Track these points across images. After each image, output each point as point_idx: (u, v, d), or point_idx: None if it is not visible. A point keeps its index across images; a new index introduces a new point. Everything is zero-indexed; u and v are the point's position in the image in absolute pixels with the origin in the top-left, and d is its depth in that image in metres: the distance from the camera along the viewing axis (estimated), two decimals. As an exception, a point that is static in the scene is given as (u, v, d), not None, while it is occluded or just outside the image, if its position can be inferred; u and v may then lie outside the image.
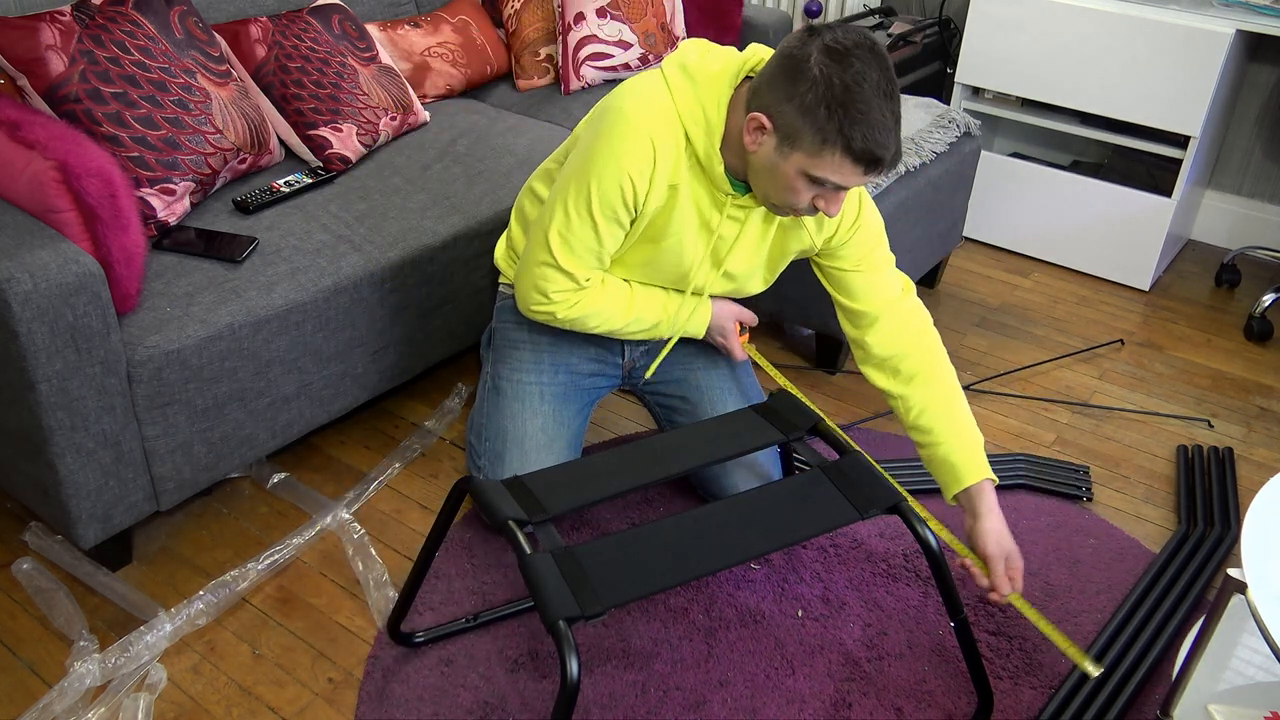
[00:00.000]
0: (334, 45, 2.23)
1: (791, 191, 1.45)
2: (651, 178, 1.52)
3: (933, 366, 1.66)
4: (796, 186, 1.43)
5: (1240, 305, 2.83)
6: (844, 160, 1.38)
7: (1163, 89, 2.64)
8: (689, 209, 1.58)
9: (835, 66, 1.34)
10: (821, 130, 1.36)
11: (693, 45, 1.56)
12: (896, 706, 1.56)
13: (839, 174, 1.40)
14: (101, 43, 1.82)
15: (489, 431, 1.78)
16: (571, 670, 1.17)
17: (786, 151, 1.41)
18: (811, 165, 1.40)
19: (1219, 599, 1.33)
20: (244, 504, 1.93)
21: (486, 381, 1.83)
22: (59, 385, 1.51)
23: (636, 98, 1.52)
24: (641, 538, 1.34)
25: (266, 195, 2.00)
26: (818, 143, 1.37)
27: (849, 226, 1.66)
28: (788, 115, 1.38)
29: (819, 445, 2.09)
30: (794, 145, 1.39)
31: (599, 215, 1.55)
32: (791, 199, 1.46)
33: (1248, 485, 2.10)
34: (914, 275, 2.52)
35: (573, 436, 1.80)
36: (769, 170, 1.45)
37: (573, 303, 1.65)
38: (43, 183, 1.53)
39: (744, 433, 1.58)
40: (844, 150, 1.37)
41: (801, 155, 1.39)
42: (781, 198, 1.47)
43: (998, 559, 1.54)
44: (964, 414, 1.64)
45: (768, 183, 1.47)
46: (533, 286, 1.64)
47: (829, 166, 1.39)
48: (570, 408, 1.81)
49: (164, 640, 1.63)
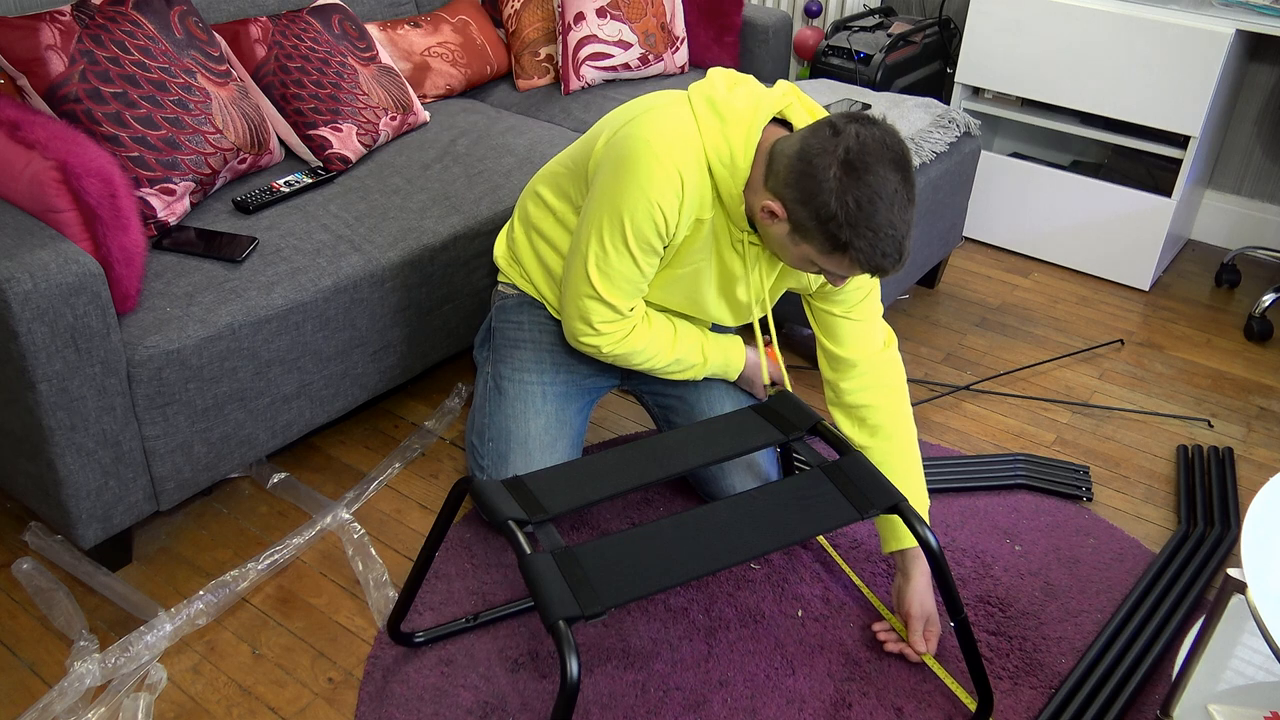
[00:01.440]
0: (334, 45, 2.23)
1: (802, 266, 1.51)
2: (680, 210, 1.54)
3: (898, 425, 1.70)
4: (804, 266, 1.50)
5: (1240, 305, 2.83)
6: (851, 265, 1.43)
7: (1163, 89, 2.64)
8: (710, 241, 1.61)
9: (851, 182, 1.36)
10: (832, 239, 1.40)
11: (721, 77, 1.56)
12: (896, 706, 1.57)
13: (846, 272, 1.46)
14: (101, 43, 1.82)
15: (491, 432, 1.78)
16: (571, 670, 1.17)
17: (798, 240, 1.45)
18: (819, 259, 1.45)
19: (1219, 599, 1.33)
20: (244, 504, 1.93)
21: (487, 381, 1.83)
22: (59, 385, 1.51)
23: (663, 130, 1.51)
24: (641, 538, 1.34)
25: (266, 195, 2.00)
26: (827, 248, 1.42)
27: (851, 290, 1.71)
28: (801, 215, 1.41)
29: (819, 445, 2.09)
30: (805, 239, 1.44)
31: (635, 248, 1.56)
32: (800, 269, 1.52)
33: (1248, 485, 2.10)
34: (914, 275, 2.52)
35: (575, 436, 1.80)
36: (780, 245, 1.50)
37: (619, 337, 1.66)
38: (43, 183, 1.53)
39: (744, 433, 1.58)
40: (851, 260, 1.41)
41: (811, 249, 1.44)
42: (791, 264, 1.53)
43: (918, 619, 1.63)
44: (918, 476, 1.70)
45: (778, 250, 1.52)
46: (578, 317, 1.64)
47: (835, 265, 1.44)
48: (571, 407, 1.81)
49: (164, 640, 1.63)
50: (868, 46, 2.96)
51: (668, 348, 1.72)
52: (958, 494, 2.01)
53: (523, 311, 1.84)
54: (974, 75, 2.92)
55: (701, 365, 1.77)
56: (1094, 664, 1.64)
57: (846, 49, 2.97)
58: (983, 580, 1.81)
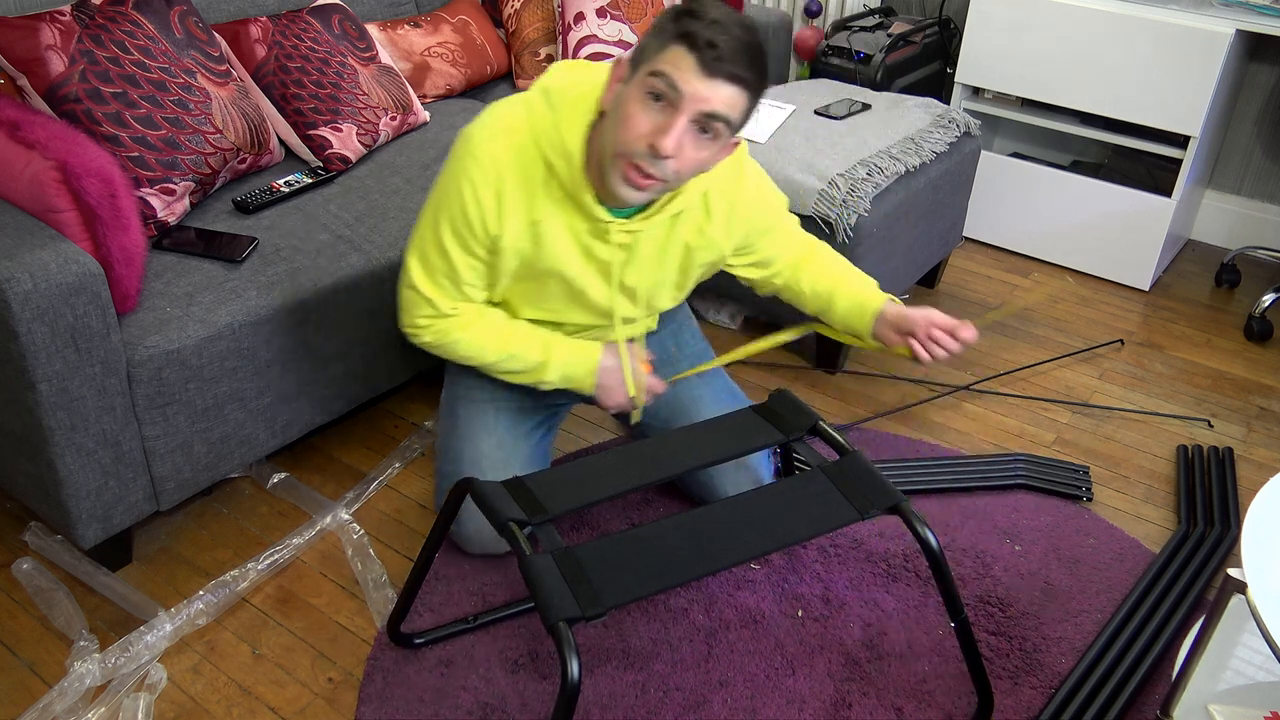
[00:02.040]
0: (334, 45, 2.23)
1: (627, 120, 1.35)
2: (500, 212, 1.48)
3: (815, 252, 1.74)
4: (636, 111, 1.34)
5: (1240, 305, 2.83)
6: (678, 48, 1.31)
7: (1163, 89, 2.64)
8: (564, 243, 1.53)
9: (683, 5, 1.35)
10: (659, 34, 1.33)
11: (561, 68, 1.50)
12: (896, 706, 1.57)
13: (676, 66, 1.31)
14: (101, 43, 1.82)
15: (446, 454, 1.74)
16: (572, 671, 1.17)
17: (633, 74, 1.36)
18: (651, 67, 1.33)
19: (1219, 599, 1.33)
20: (244, 504, 1.93)
21: (443, 403, 1.81)
22: (59, 385, 1.51)
23: (488, 124, 1.47)
24: (641, 538, 1.34)
25: (266, 195, 2.00)
26: (656, 47, 1.33)
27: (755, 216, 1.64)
28: (640, 44, 1.37)
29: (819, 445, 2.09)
30: (642, 59, 1.35)
31: (450, 245, 1.51)
32: (631, 131, 1.35)
33: (1248, 485, 2.10)
34: (914, 275, 2.52)
35: (531, 453, 1.75)
36: (614, 114, 1.37)
37: (439, 329, 1.60)
38: (43, 183, 1.53)
39: (743, 433, 1.58)
40: (676, 38, 1.32)
41: (644, 67, 1.34)
42: (620, 137, 1.36)
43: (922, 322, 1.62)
44: (855, 271, 1.72)
45: (612, 128, 1.38)
46: (401, 308, 1.61)
47: (665, 60, 1.32)
48: (527, 423, 1.76)
49: (164, 640, 1.63)
50: (868, 46, 2.96)
51: (496, 342, 1.62)
52: (958, 494, 2.01)
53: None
54: (974, 75, 2.92)
55: (543, 366, 1.64)
56: (1094, 664, 1.64)
57: (846, 49, 2.97)
58: (983, 580, 1.81)
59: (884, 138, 2.38)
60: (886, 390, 2.36)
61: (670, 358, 1.85)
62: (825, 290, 1.72)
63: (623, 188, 1.40)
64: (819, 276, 1.73)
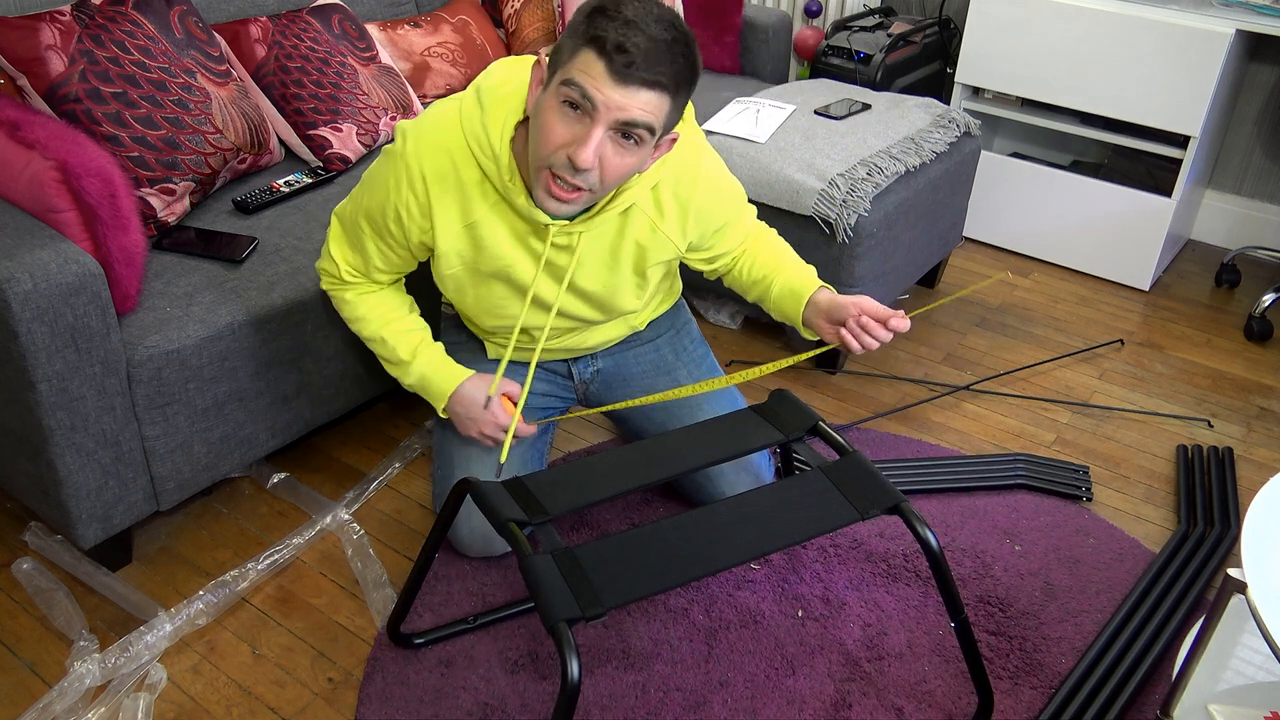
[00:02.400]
0: (334, 45, 2.23)
1: (550, 129, 1.29)
2: (428, 217, 1.48)
3: (759, 239, 1.71)
4: (553, 121, 1.29)
5: (1240, 305, 2.83)
6: (588, 53, 1.25)
7: (1163, 89, 2.64)
8: (505, 245, 1.50)
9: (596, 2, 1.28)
10: (573, 35, 1.27)
11: (499, 65, 1.48)
12: (896, 706, 1.57)
13: (587, 73, 1.25)
14: (101, 43, 1.82)
15: (438, 458, 1.75)
16: (572, 671, 1.17)
17: (551, 79, 1.30)
18: (565, 76, 1.27)
19: (1219, 599, 1.33)
20: (244, 504, 1.93)
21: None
22: (59, 385, 1.51)
23: (421, 127, 1.46)
24: (641, 538, 1.34)
25: (266, 195, 2.00)
26: (569, 50, 1.27)
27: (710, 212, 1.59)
28: (557, 44, 1.31)
29: (819, 445, 2.09)
30: (556, 65, 1.29)
31: (366, 234, 1.56)
32: (550, 142, 1.30)
33: (1248, 485, 2.10)
34: (914, 275, 2.52)
35: (525, 455, 1.74)
36: (534, 123, 1.32)
37: (336, 287, 1.64)
38: (43, 183, 1.53)
39: (743, 433, 1.58)
40: (587, 41, 1.25)
41: (559, 74, 1.28)
42: (540, 149, 1.32)
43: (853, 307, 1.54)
44: (794, 258, 1.69)
45: (535, 139, 1.33)
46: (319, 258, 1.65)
47: (577, 66, 1.26)
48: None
49: (164, 640, 1.63)
50: (868, 46, 2.96)
51: (377, 321, 1.63)
52: (958, 494, 2.01)
53: (463, 330, 1.82)
54: (974, 75, 2.92)
55: (405, 367, 1.64)
56: (1094, 664, 1.64)
57: (846, 49, 2.97)
58: (983, 580, 1.81)
59: (884, 138, 2.38)
60: (886, 390, 2.36)
61: (668, 365, 1.84)
62: (762, 276, 1.69)
63: (548, 201, 1.36)
64: (758, 263, 1.70)
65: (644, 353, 1.84)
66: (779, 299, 1.67)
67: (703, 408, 1.80)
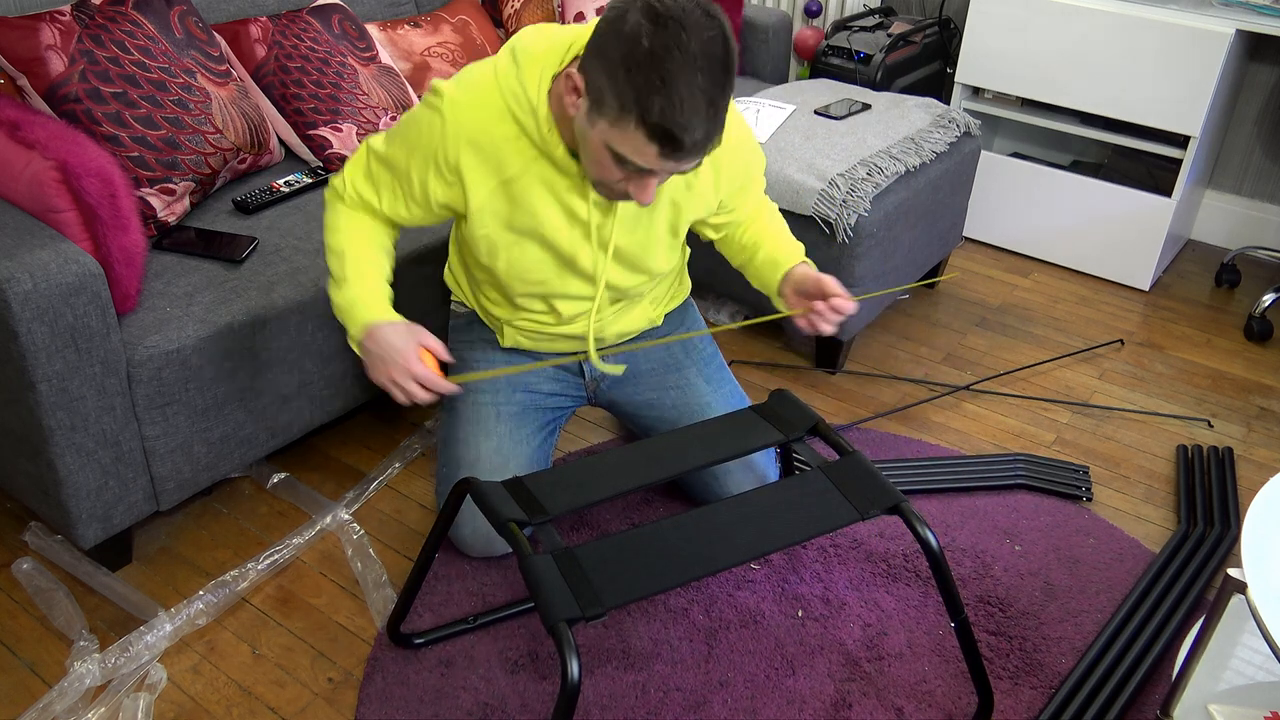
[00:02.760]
0: (334, 45, 2.23)
1: (602, 167, 1.33)
2: (461, 173, 1.47)
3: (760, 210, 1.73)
4: (605, 162, 1.31)
5: (1240, 305, 2.83)
6: (638, 134, 1.24)
7: (1163, 89, 2.64)
8: (541, 200, 1.50)
9: (650, 27, 1.20)
10: (620, 95, 1.23)
11: (528, 30, 1.48)
12: (896, 706, 1.57)
13: (636, 152, 1.26)
14: (101, 43, 1.82)
15: (444, 455, 1.74)
16: (572, 671, 1.17)
17: (594, 119, 1.28)
18: (612, 138, 1.27)
19: (1219, 599, 1.33)
20: (244, 504, 1.93)
21: (444, 404, 1.80)
22: (59, 385, 1.51)
23: (457, 85, 1.46)
24: (641, 538, 1.34)
25: (266, 195, 2.00)
26: (616, 109, 1.24)
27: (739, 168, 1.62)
28: (595, 73, 1.26)
29: (819, 445, 2.09)
30: (599, 111, 1.27)
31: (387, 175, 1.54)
32: (604, 175, 1.34)
33: (1248, 485, 2.10)
34: (914, 275, 2.52)
35: (532, 455, 1.74)
36: (583, 139, 1.34)
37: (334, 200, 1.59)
38: (43, 183, 1.53)
39: (744, 433, 1.58)
40: (639, 122, 1.23)
41: (605, 124, 1.27)
42: (596, 173, 1.36)
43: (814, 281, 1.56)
44: (787, 233, 1.70)
45: (584, 153, 1.36)
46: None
47: (627, 142, 1.26)
48: (528, 427, 1.75)
49: (164, 640, 1.63)
50: (868, 46, 2.96)
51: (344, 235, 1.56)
52: (958, 494, 2.01)
53: (473, 330, 1.81)
54: (974, 75, 2.92)
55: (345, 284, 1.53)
56: (1094, 664, 1.64)
57: (846, 49, 2.97)
58: (983, 580, 1.81)
59: (884, 138, 2.38)
60: (886, 390, 2.36)
61: (678, 363, 1.85)
62: (752, 243, 1.71)
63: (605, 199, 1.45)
64: (750, 230, 1.72)
65: (654, 350, 1.84)
66: (760, 267, 1.69)
67: (710, 408, 1.80)
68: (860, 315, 2.32)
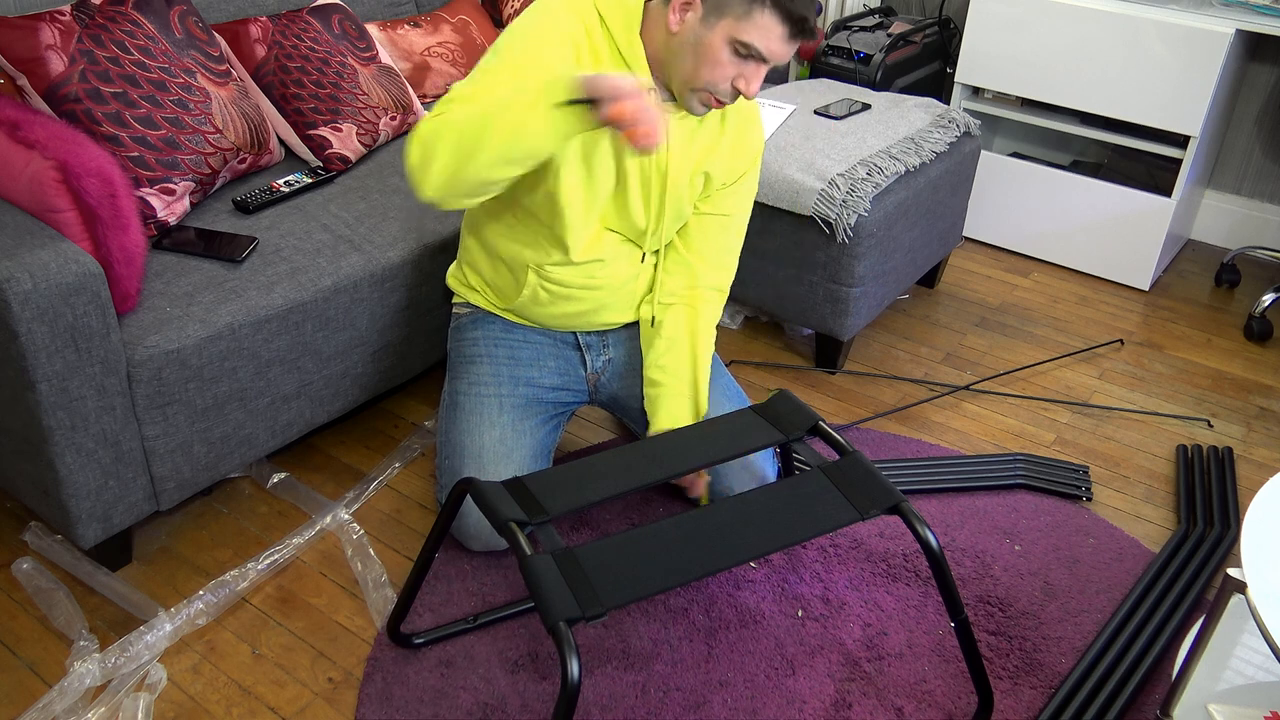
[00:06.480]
0: (334, 45, 2.23)
1: (716, 65, 1.45)
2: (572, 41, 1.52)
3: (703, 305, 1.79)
4: (721, 59, 1.44)
5: (1240, 305, 2.83)
6: (772, 20, 1.41)
7: (1163, 89, 2.64)
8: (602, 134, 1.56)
9: None
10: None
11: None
12: (896, 706, 1.57)
13: (766, 37, 1.42)
14: (101, 42, 1.82)
15: (447, 448, 1.74)
16: (572, 671, 1.17)
17: (713, 22, 1.42)
18: (739, 29, 1.41)
19: (1219, 599, 1.33)
20: (244, 504, 1.93)
21: (444, 399, 1.81)
22: (59, 385, 1.51)
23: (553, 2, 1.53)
24: (641, 538, 1.34)
25: (266, 195, 2.00)
26: (745, 5, 1.40)
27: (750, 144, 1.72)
28: None
29: (819, 445, 2.09)
30: (721, 12, 1.41)
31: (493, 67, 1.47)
32: (716, 75, 1.46)
33: (1248, 485, 2.10)
34: (914, 275, 2.52)
35: (535, 447, 1.74)
36: (693, 47, 1.45)
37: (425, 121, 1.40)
38: (43, 183, 1.53)
39: (743, 433, 1.58)
40: (773, 8, 1.40)
41: (730, 20, 1.41)
42: (704, 75, 1.47)
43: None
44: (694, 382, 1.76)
45: (690, 61, 1.47)
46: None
47: (756, 29, 1.41)
48: (531, 419, 1.76)
49: (164, 640, 1.63)
50: (868, 46, 2.96)
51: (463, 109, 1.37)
52: (958, 494, 2.01)
53: (477, 328, 1.83)
54: (974, 75, 2.92)
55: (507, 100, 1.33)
56: (1094, 664, 1.64)
57: (846, 49, 2.97)
58: (983, 580, 1.81)
59: (884, 138, 2.38)
60: (886, 390, 2.36)
61: None
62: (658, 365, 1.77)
63: (699, 109, 1.53)
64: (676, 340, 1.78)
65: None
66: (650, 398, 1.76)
67: (711, 406, 1.81)
68: (860, 315, 2.32)
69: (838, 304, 2.28)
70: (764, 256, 2.34)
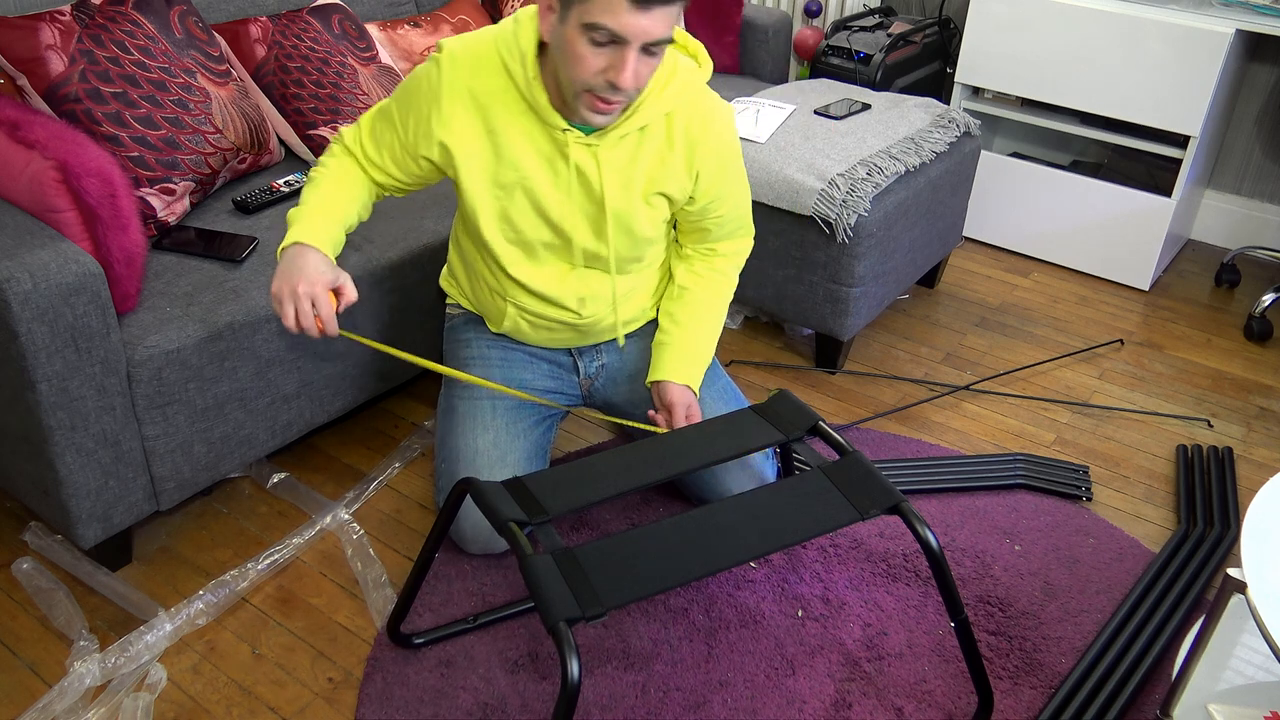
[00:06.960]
0: (334, 45, 2.23)
1: (580, 59, 1.40)
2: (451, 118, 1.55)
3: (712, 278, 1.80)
4: (582, 51, 1.39)
5: (1240, 305, 2.83)
6: None
7: (1163, 89, 2.64)
8: (526, 154, 1.57)
9: None
10: None
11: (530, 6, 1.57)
12: (896, 706, 1.57)
13: (610, 11, 1.34)
14: (101, 42, 1.82)
15: (443, 452, 1.75)
16: (572, 671, 1.17)
17: (566, 15, 1.39)
18: (585, 12, 1.36)
19: (1219, 599, 1.33)
20: (244, 504, 1.93)
21: (440, 403, 1.81)
22: (59, 385, 1.51)
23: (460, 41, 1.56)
24: (641, 538, 1.34)
25: (266, 195, 2.00)
26: None
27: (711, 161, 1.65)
28: None
29: (819, 445, 2.09)
30: (569, 3, 1.38)
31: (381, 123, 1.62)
32: (582, 70, 1.41)
33: (1248, 485, 2.10)
34: (914, 275, 2.52)
35: (531, 449, 1.75)
36: (560, 50, 1.42)
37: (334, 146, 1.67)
38: (43, 183, 1.53)
39: (743, 433, 1.58)
40: None
41: (577, 8, 1.37)
42: (574, 74, 1.42)
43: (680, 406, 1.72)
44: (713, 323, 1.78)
45: (561, 65, 1.44)
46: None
47: (598, 6, 1.35)
48: (525, 422, 1.76)
49: (164, 640, 1.63)
50: (868, 46, 2.96)
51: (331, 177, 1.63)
52: (958, 494, 2.01)
53: (469, 329, 1.83)
54: (974, 75, 2.92)
55: (304, 205, 1.59)
56: (1094, 664, 1.64)
57: (846, 49, 2.97)
58: (983, 580, 1.81)
59: (884, 138, 2.38)
60: (886, 390, 2.36)
61: None
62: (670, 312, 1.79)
63: (593, 116, 1.48)
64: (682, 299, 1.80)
65: (648, 350, 1.84)
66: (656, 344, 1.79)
67: (708, 407, 1.80)
68: (860, 315, 2.32)
69: (838, 304, 2.28)
70: (764, 256, 2.34)
